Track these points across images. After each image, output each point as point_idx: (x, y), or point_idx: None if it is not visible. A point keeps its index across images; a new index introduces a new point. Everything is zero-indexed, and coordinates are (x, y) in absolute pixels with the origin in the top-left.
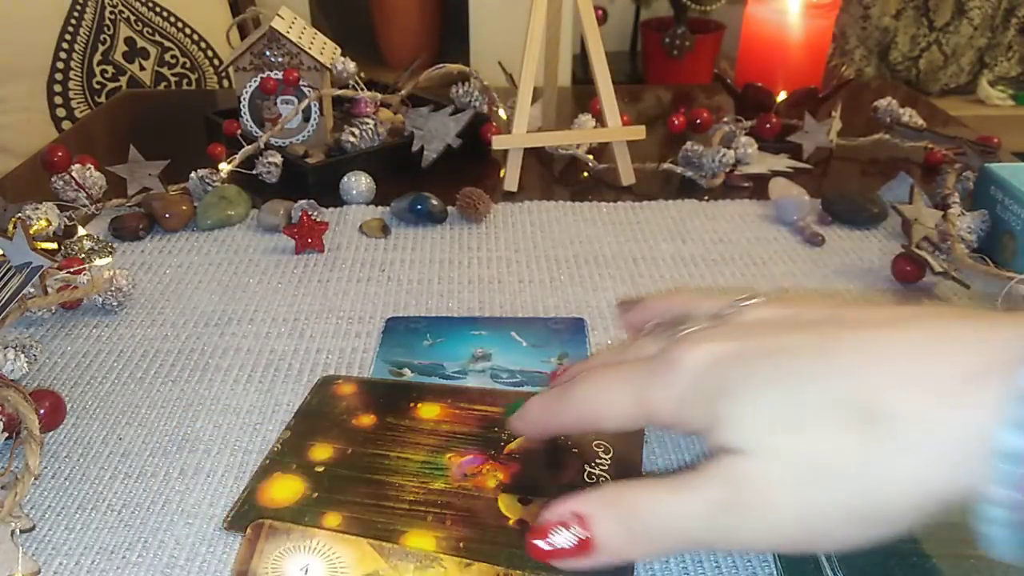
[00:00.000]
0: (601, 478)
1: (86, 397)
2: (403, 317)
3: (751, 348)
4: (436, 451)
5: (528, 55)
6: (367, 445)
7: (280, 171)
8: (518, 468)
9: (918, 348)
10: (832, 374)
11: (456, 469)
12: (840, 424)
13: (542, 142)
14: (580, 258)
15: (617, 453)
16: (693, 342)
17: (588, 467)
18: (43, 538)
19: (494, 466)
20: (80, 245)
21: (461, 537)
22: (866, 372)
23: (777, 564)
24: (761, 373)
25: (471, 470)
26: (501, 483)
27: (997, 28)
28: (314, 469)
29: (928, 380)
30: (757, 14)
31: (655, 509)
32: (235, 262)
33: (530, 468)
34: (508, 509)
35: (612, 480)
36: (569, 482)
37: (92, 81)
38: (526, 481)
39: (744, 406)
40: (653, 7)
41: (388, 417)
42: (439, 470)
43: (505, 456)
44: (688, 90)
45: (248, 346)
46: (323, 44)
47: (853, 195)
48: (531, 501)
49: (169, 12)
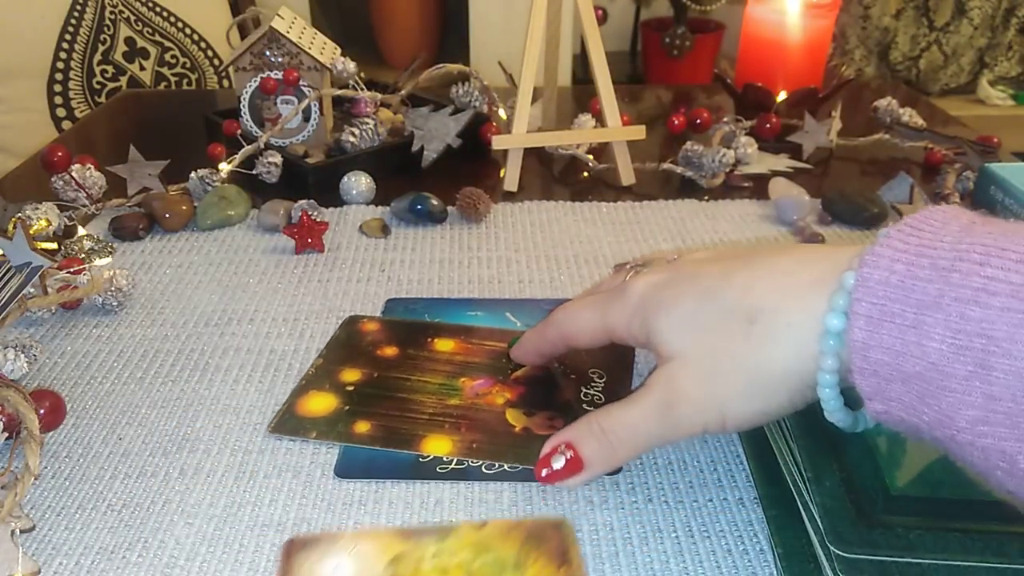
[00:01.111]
0: (596, 398)
1: (86, 397)
2: (402, 299)
3: (676, 277)
4: (451, 376)
5: (528, 55)
6: (391, 370)
7: (280, 171)
8: (523, 390)
9: (786, 268)
10: (728, 289)
11: (469, 390)
12: (732, 326)
13: (542, 142)
14: (580, 258)
15: (610, 376)
16: (641, 276)
17: (584, 388)
18: (43, 538)
19: (502, 388)
20: (80, 245)
21: (473, 440)
22: (751, 286)
23: (777, 564)
24: (680, 293)
25: (482, 391)
26: (508, 400)
27: (997, 28)
28: (345, 388)
29: (789, 288)
30: (757, 14)
31: (620, 424)
32: (235, 262)
33: (533, 389)
34: (515, 419)
35: (605, 399)
36: (567, 401)
37: (92, 81)
38: (530, 399)
39: (668, 318)
40: (653, 7)
41: (409, 349)
42: (454, 390)
43: (512, 381)
44: (688, 90)
45: (248, 346)
46: (323, 44)
47: (853, 195)
48: (535, 413)
49: (169, 12)
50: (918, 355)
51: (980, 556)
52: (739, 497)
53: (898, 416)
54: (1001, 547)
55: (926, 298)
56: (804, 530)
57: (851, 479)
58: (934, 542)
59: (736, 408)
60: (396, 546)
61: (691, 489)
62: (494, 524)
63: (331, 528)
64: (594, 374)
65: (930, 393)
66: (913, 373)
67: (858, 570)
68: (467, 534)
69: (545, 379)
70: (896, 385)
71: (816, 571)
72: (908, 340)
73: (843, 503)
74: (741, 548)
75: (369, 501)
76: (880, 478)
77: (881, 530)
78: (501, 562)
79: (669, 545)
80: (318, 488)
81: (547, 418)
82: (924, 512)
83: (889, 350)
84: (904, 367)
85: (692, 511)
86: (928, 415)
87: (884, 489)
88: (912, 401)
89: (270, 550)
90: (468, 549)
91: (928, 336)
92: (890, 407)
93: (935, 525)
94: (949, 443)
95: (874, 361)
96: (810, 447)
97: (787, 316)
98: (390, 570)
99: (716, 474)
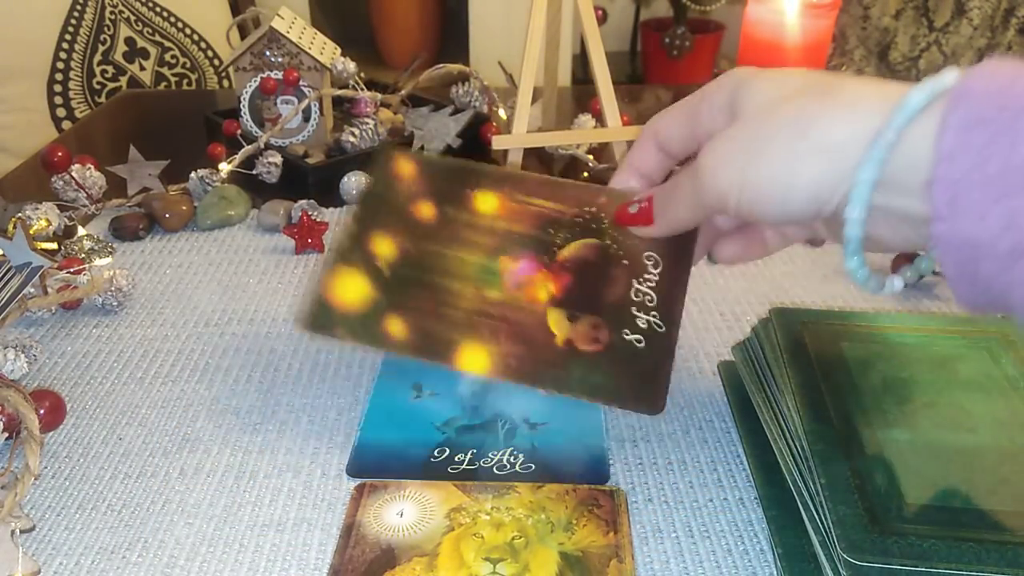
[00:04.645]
0: (647, 296)
1: (86, 397)
2: None
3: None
4: (491, 253)
5: (528, 55)
6: (427, 241)
7: (280, 171)
8: (569, 280)
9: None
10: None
11: (509, 277)
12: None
13: (542, 142)
14: None
15: (666, 266)
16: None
17: (636, 283)
18: (43, 538)
19: (546, 275)
20: (80, 245)
21: (511, 353)
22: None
23: (777, 564)
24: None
25: (524, 279)
26: (552, 296)
27: (997, 28)
28: (376, 265)
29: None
30: (757, 14)
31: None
32: (235, 262)
33: (580, 282)
34: (556, 326)
35: (656, 297)
36: (616, 300)
37: (92, 81)
38: (576, 295)
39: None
40: (653, 7)
41: (447, 207)
42: (493, 275)
43: (557, 266)
44: (688, 90)
45: (248, 346)
46: (323, 44)
47: None
48: (578, 318)
49: (169, 12)
50: (1007, 155)
51: (995, 567)
52: (739, 497)
53: (963, 235)
54: (1017, 558)
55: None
56: (804, 530)
57: (865, 487)
58: (948, 551)
59: (761, 178)
60: (456, 498)
61: (691, 489)
62: (551, 487)
63: (332, 526)
64: (649, 261)
65: (1008, 194)
66: (995, 175)
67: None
68: (524, 493)
69: (595, 265)
70: (975, 193)
71: (816, 571)
72: (1001, 141)
73: (856, 509)
74: (741, 548)
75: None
76: (896, 486)
77: (895, 538)
78: (553, 522)
79: (669, 545)
80: (318, 488)
81: (591, 326)
82: (938, 522)
83: (978, 151)
84: (988, 169)
85: (692, 511)
86: (1001, 219)
87: (899, 497)
88: (987, 207)
89: (270, 550)
90: (524, 507)
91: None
92: (957, 223)
93: (949, 535)
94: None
95: (959, 167)
96: (824, 453)
97: (865, 96)
98: (449, 519)
99: (716, 474)
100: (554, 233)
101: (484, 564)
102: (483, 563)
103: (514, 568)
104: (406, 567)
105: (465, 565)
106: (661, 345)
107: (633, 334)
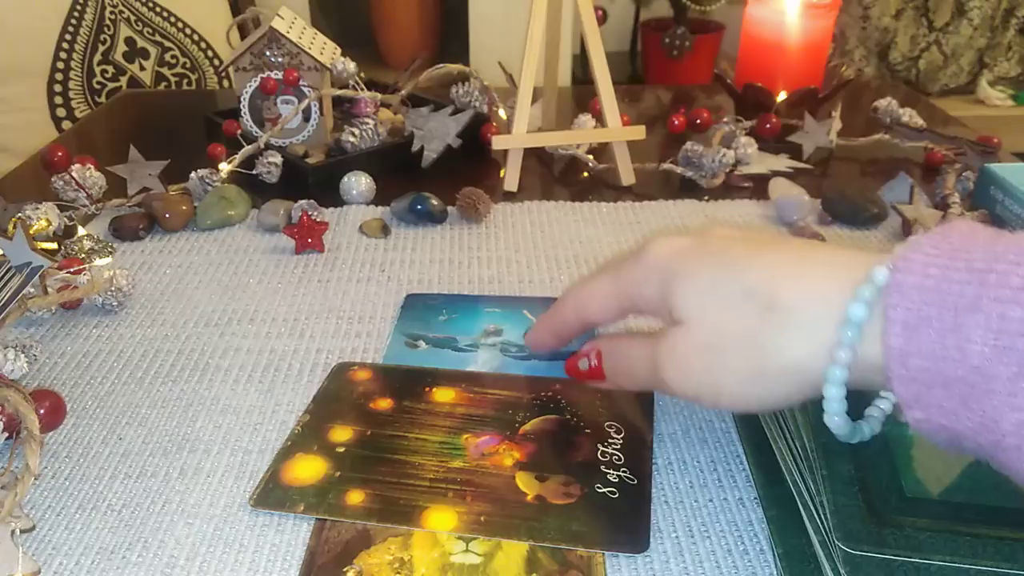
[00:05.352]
0: (615, 456)
1: (86, 397)
2: (422, 294)
3: (702, 246)
4: (453, 432)
5: (528, 55)
6: (385, 427)
7: (280, 171)
8: (534, 448)
9: (815, 260)
10: (752, 270)
11: (473, 449)
12: (749, 307)
13: (542, 142)
14: (580, 258)
15: (628, 431)
16: (661, 240)
17: (601, 446)
18: (43, 538)
19: (510, 446)
20: (80, 245)
21: (481, 512)
22: (775, 272)
23: (777, 564)
24: (703, 263)
25: (488, 450)
26: (518, 461)
27: (997, 28)
28: (335, 450)
29: (813, 281)
30: (757, 14)
31: (629, 354)
32: (235, 262)
33: (545, 448)
34: (526, 485)
35: (624, 458)
36: (584, 460)
37: (92, 81)
38: (542, 460)
39: (686, 285)
40: (653, 7)
41: (405, 401)
42: (457, 449)
43: (520, 437)
44: (688, 90)
45: (248, 346)
46: (323, 44)
47: (853, 195)
48: (548, 478)
49: (169, 12)
50: (959, 359)
51: (991, 561)
52: (739, 497)
53: (939, 423)
54: (1013, 553)
55: (963, 300)
56: (804, 530)
57: (865, 478)
58: (943, 544)
59: (733, 388)
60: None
61: (691, 489)
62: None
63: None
64: (611, 428)
65: (973, 397)
66: (955, 377)
67: (864, 569)
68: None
69: (557, 435)
70: (937, 391)
71: (816, 571)
72: (948, 344)
73: (855, 500)
74: (741, 548)
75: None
76: (896, 478)
77: (891, 530)
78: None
79: (669, 545)
80: None
81: (562, 483)
82: (936, 515)
83: (929, 355)
84: (945, 371)
85: (692, 511)
86: (972, 420)
87: (899, 489)
88: (954, 407)
89: (270, 550)
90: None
91: (968, 339)
92: (931, 414)
93: (946, 528)
94: (994, 449)
95: (914, 367)
96: (826, 444)
97: (807, 307)
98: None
99: (716, 474)
100: (514, 413)
101: (456, 543)
102: (456, 541)
103: (486, 546)
104: (381, 547)
105: (438, 544)
106: (636, 494)
107: (606, 487)
